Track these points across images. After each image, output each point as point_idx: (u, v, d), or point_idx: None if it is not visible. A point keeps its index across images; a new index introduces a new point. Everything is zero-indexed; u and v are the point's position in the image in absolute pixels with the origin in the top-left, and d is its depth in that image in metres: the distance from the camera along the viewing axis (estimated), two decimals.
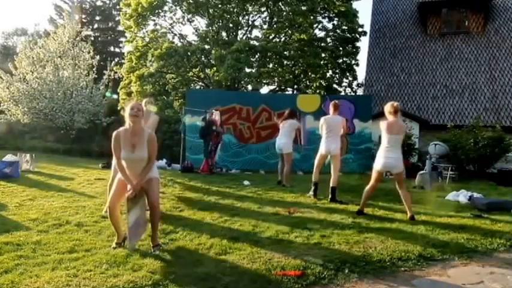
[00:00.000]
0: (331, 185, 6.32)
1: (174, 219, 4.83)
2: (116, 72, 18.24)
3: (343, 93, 19.50)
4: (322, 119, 6.59)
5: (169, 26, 19.47)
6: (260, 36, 19.37)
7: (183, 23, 19.47)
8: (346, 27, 18.56)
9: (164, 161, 10.97)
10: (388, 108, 5.17)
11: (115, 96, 18.54)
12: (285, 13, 17.87)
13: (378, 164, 5.21)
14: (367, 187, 5.30)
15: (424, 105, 14.66)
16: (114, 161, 5.40)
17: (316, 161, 6.65)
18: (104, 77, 17.83)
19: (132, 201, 3.58)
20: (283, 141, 7.79)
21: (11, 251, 3.51)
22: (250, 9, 18.60)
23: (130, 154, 3.58)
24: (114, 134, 3.66)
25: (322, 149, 6.52)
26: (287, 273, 3.07)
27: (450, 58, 15.65)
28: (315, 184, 6.50)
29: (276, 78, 19.05)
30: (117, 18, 28.84)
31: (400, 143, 5.22)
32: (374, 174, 5.27)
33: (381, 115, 12.28)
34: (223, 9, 17.60)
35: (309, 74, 18.94)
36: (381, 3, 18.55)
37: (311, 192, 6.50)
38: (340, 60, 19.03)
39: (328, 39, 19.24)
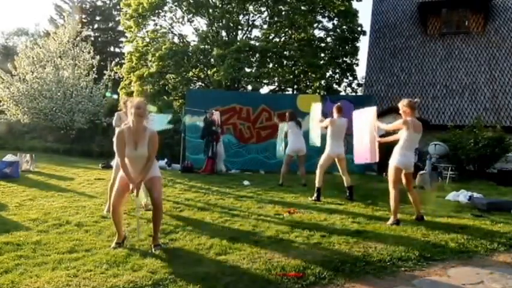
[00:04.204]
0: (347, 185, 6.41)
1: (174, 219, 4.84)
2: (116, 72, 18.23)
3: (343, 93, 19.49)
4: (328, 120, 6.53)
5: (170, 26, 19.49)
6: (260, 36, 19.37)
7: (183, 23, 19.47)
8: (346, 27, 18.53)
9: (164, 161, 10.98)
10: (408, 104, 4.87)
11: (115, 96, 18.52)
12: (284, 13, 17.86)
13: (399, 163, 4.82)
14: (394, 194, 4.83)
15: (424, 105, 14.64)
16: (115, 161, 5.42)
17: (321, 162, 6.48)
18: (104, 77, 17.82)
19: None
20: (304, 143, 7.94)
21: (11, 251, 3.51)
22: (250, 8, 18.58)
23: (133, 151, 3.62)
24: (117, 132, 3.69)
25: (330, 151, 6.40)
26: (287, 275, 3.06)
27: (450, 58, 15.64)
28: (318, 189, 6.34)
29: (276, 78, 19.01)
30: (117, 18, 28.81)
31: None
32: (396, 175, 4.86)
33: (380, 115, 12.33)
34: (224, 9, 17.60)
35: (309, 74, 18.91)
36: (380, 3, 18.55)
37: (314, 198, 6.31)
38: (340, 60, 19.01)
39: (328, 39, 19.23)
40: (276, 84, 19.69)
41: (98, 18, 31.26)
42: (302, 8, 17.33)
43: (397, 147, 4.90)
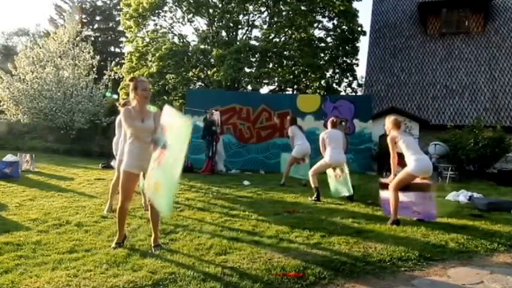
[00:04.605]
0: None
1: (174, 219, 4.83)
2: (116, 73, 18.23)
3: (343, 93, 19.50)
4: (323, 134, 6.58)
5: (170, 26, 19.49)
6: (260, 36, 19.37)
7: (183, 23, 19.47)
8: (346, 27, 18.54)
9: None
10: (393, 122, 4.98)
11: (115, 96, 18.52)
12: (284, 13, 17.86)
13: (415, 169, 4.71)
14: (394, 196, 4.81)
15: (424, 105, 14.66)
16: (116, 161, 5.42)
17: (316, 167, 6.55)
18: (104, 77, 17.82)
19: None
20: (309, 145, 7.89)
21: (11, 251, 3.51)
22: (250, 8, 18.59)
23: (140, 123, 3.65)
24: (124, 109, 3.72)
25: (329, 159, 6.39)
26: (287, 275, 3.06)
27: (450, 58, 15.65)
28: (317, 189, 6.38)
29: (276, 78, 19.03)
30: (117, 19, 28.81)
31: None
32: (404, 181, 4.79)
33: (380, 115, 12.35)
34: (224, 9, 17.60)
35: (309, 74, 18.91)
36: (380, 3, 18.56)
37: (314, 198, 6.34)
38: (340, 60, 19.01)
39: (328, 39, 19.23)
40: (276, 84, 19.69)
41: (98, 18, 31.26)
42: (302, 8, 17.32)
43: (407, 157, 4.83)
